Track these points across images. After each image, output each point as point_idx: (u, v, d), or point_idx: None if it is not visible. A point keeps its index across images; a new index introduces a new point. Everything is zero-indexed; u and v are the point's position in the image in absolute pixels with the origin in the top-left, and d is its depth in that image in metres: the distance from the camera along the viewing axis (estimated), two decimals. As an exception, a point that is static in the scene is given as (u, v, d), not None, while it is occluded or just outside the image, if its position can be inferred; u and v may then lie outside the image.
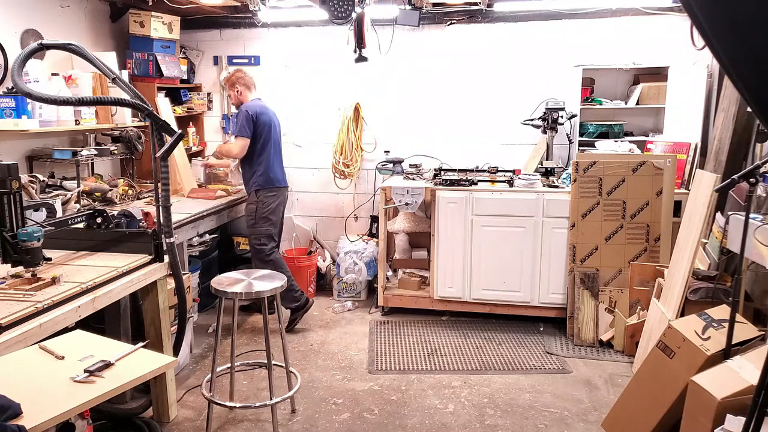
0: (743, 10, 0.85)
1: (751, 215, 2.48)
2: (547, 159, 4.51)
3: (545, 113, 4.42)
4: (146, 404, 2.99)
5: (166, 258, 2.89)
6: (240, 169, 4.42)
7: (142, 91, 2.98)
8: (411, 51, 4.80)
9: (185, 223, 3.74)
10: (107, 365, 1.81)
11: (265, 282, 2.90)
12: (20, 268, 2.39)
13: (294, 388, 3.06)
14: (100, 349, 1.94)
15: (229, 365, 3.18)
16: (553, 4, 4.46)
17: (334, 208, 5.18)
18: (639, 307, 3.70)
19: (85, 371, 1.75)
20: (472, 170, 4.45)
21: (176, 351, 3.07)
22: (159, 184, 2.77)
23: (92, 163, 4.21)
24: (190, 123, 5.10)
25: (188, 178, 4.62)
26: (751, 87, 0.95)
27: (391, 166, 4.78)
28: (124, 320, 3.09)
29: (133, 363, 1.88)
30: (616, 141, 4.36)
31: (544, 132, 4.47)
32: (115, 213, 3.21)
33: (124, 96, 2.82)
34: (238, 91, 4.21)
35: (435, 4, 4.49)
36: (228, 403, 3.07)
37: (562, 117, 4.36)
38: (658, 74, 4.45)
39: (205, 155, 5.15)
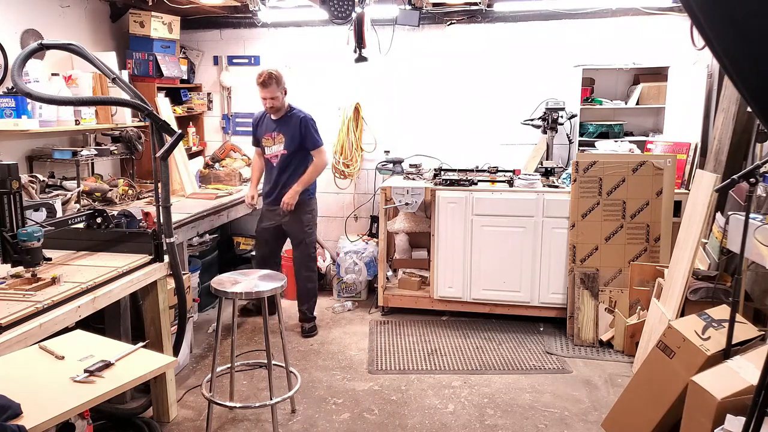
0: (743, 10, 0.85)
1: (751, 215, 2.48)
2: (547, 159, 4.51)
3: (545, 113, 4.42)
4: (146, 404, 2.99)
5: (166, 258, 2.89)
6: (276, 174, 4.03)
7: (142, 91, 2.98)
8: (411, 51, 4.80)
9: (185, 223, 3.73)
10: (107, 365, 1.81)
11: (265, 282, 2.90)
12: (20, 268, 2.39)
13: (294, 388, 3.06)
14: (100, 349, 1.94)
15: (229, 365, 3.18)
16: (553, 4, 4.46)
17: (334, 208, 5.18)
18: (639, 307, 3.70)
19: (85, 371, 1.75)
20: (472, 170, 4.45)
21: (176, 351, 3.07)
22: (159, 184, 2.77)
23: (92, 163, 4.21)
24: (190, 123, 5.10)
25: (188, 178, 4.62)
26: (751, 87, 0.95)
27: (391, 166, 4.78)
28: (124, 320, 3.09)
29: (133, 363, 1.88)
30: (616, 141, 4.36)
31: (544, 132, 4.47)
32: (115, 213, 3.20)
33: (124, 96, 2.82)
34: (285, 91, 3.91)
35: (435, 4, 4.49)
36: (228, 403, 3.07)
37: (562, 117, 4.36)
38: (658, 74, 4.45)
39: (205, 155, 5.14)
